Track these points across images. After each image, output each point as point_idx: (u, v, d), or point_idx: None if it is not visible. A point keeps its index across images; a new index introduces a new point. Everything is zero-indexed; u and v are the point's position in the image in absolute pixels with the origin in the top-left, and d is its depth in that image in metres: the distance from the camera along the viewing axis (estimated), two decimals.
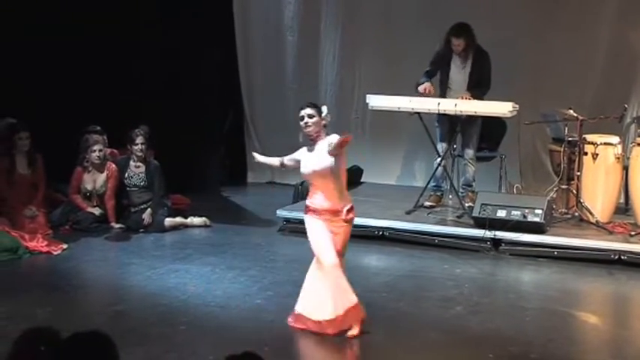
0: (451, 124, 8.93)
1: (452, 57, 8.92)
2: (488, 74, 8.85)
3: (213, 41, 10.87)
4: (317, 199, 5.97)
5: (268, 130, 11.30)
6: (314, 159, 5.95)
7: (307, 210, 6.03)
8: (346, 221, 5.99)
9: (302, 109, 6.03)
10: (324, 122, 6.04)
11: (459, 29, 8.79)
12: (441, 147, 8.97)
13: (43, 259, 7.90)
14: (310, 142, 6.03)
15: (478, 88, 8.78)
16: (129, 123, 9.06)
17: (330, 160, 5.86)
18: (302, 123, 5.99)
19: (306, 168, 6.00)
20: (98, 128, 9.04)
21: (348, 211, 5.98)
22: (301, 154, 6.09)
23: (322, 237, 5.91)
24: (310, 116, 5.98)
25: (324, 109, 6.09)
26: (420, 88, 8.79)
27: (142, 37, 10.00)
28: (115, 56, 9.98)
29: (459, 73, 8.91)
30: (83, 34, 9.85)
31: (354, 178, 9.58)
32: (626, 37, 9.64)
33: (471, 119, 8.80)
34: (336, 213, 5.95)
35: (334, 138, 5.80)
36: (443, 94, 8.90)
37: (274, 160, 6.31)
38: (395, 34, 10.48)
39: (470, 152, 9.03)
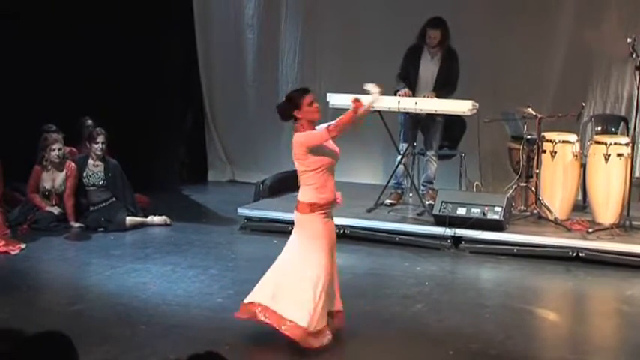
0: (414, 123, 8.97)
1: (423, 52, 8.92)
2: (456, 75, 8.85)
3: (173, 38, 10.83)
4: (326, 191, 5.68)
5: (229, 127, 11.28)
6: (332, 144, 5.75)
7: (313, 207, 5.64)
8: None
9: (308, 93, 5.76)
10: None
11: (437, 21, 8.80)
12: (403, 146, 9.00)
13: (1, 259, 7.81)
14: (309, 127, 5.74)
15: (444, 88, 8.79)
16: (85, 120, 9.01)
17: None
18: (314, 106, 5.69)
19: (335, 152, 5.76)
20: (54, 128, 8.95)
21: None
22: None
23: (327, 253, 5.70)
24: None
25: None
26: (399, 94, 8.75)
27: (101, 34, 9.91)
28: (73, 54, 9.89)
29: (427, 69, 8.90)
30: (39, 32, 9.75)
31: None
32: (583, 37, 9.73)
33: (433, 117, 8.85)
34: (333, 201, 5.80)
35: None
36: (412, 94, 8.89)
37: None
38: (355, 32, 10.48)
39: (432, 150, 9.08)
